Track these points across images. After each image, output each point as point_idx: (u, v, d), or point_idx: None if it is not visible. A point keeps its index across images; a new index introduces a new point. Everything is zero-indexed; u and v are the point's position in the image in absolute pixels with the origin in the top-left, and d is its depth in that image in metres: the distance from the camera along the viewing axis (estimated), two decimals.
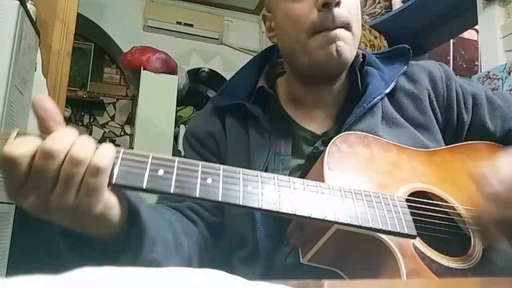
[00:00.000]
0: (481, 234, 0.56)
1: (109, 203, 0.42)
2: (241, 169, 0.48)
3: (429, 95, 0.71)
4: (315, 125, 0.71)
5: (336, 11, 0.62)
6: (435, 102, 0.72)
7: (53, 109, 0.41)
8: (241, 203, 0.45)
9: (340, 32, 0.63)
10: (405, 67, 0.73)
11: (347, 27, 0.64)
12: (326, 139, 0.66)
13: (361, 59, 0.72)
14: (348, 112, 0.67)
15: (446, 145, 0.70)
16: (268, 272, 0.64)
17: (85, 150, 0.39)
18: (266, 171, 0.65)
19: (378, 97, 0.66)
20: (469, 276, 0.52)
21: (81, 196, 0.40)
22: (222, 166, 0.47)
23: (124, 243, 0.46)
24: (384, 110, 0.68)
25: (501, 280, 0.42)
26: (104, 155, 0.40)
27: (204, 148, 0.73)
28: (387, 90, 0.68)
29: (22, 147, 0.37)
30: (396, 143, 0.63)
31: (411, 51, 0.74)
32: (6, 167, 0.37)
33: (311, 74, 0.69)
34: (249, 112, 0.69)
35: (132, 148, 2.12)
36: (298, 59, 0.67)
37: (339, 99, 0.72)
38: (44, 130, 0.41)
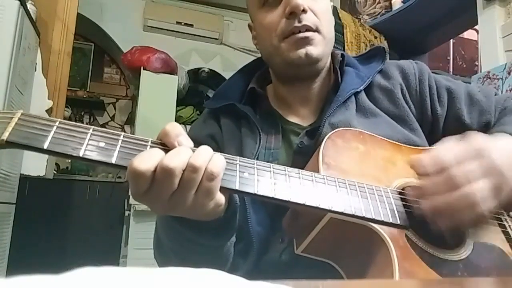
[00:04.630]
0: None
1: (219, 202, 0.48)
2: (238, 157, 0.50)
3: (401, 89, 0.75)
4: (301, 119, 0.75)
5: (303, 16, 0.68)
6: (407, 96, 0.75)
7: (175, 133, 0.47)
8: (237, 188, 0.47)
9: (307, 34, 0.68)
10: (381, 65, 0.78)
11: (315, 30, 0.69)
12: (310, 130, 0.70)
13: (341, 58, 0.78)
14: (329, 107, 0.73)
15: (425, 136, 0.73)
16: (263, 267, 0.65)
17: (202, 159, 0.45)
18: None
19: (350, 92, 0.71)
20: (460, 267, 0.52)
21: (198, 197, 0.46)
22: (222, 154, 0.49)
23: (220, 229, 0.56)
24: (361, 103, 0.73)
25: (500, 280, 0.42)
26: (217, 163, 0.46)
27: None
28: (362, 87, 0.73)
29: (147, 163, 0.43)
30: (391, 141, 0.66)
31: (386, 51, 0.80)
32: (132, 178, 0.43)
33: (288, 74, 0.75)
34: (240, 111, 0.74)
35: None
36: (274, 61, 0.74)
37: (322, 95, 0.77)
38: (168, 144, 0.47)
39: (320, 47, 0.70)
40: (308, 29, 0.68)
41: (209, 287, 0.21)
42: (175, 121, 3.28)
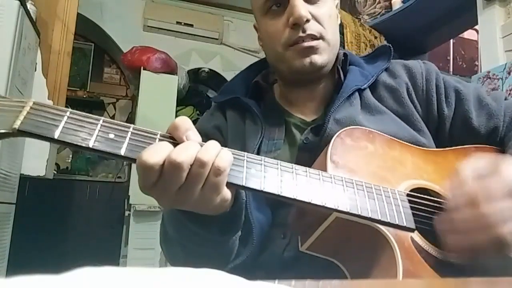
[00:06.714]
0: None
1: (226, 197, 0.48)
2: (245, 153, 0.50)
3: (407, 88, 0.75)
4: (305, 114, 0.77)
5: (306, 26, 0.68)
6: (413, 95, 0.75)
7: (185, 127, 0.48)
8: (244, 184, 0.47)
9: (312, 44, 0.69)
10: (387, 63, 0.78)
11: (319, 37, 0.70)
12: (315, 126, 0.71)
13: (343, 57, 0.79)
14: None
15: (432, 136, 0.72)
16: (265, 263, 0.65)
17: (209, 154, 0.45)
18: (258, 153, 0.70)
19: (353, 89, 0.72)
20: (465, 270, 0.52)
21: (205, 191, 0.46)
22: (229, 150, 0.49)
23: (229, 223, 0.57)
24: (366, 100, 0.73)
25: (501, 280, 0.42)
26: (224, 158, 0.46)
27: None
28: (366, 85, 0.74)
29: (156, 157, 0.44)
30: (400, 141, 0.65)
31: (392, 49, 0.79)
32: (141, 171, 0.44)
33: (293, 79, 0.77)
34: (245, 104, 0.76)
35: None
36: (279, 67, 0.76)
37: (326, 93, 0.78)
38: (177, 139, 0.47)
39: (325, 55, 0.71)
40: (313, 37, 0.69)
41: (209, 287, 0.21)
42: None
